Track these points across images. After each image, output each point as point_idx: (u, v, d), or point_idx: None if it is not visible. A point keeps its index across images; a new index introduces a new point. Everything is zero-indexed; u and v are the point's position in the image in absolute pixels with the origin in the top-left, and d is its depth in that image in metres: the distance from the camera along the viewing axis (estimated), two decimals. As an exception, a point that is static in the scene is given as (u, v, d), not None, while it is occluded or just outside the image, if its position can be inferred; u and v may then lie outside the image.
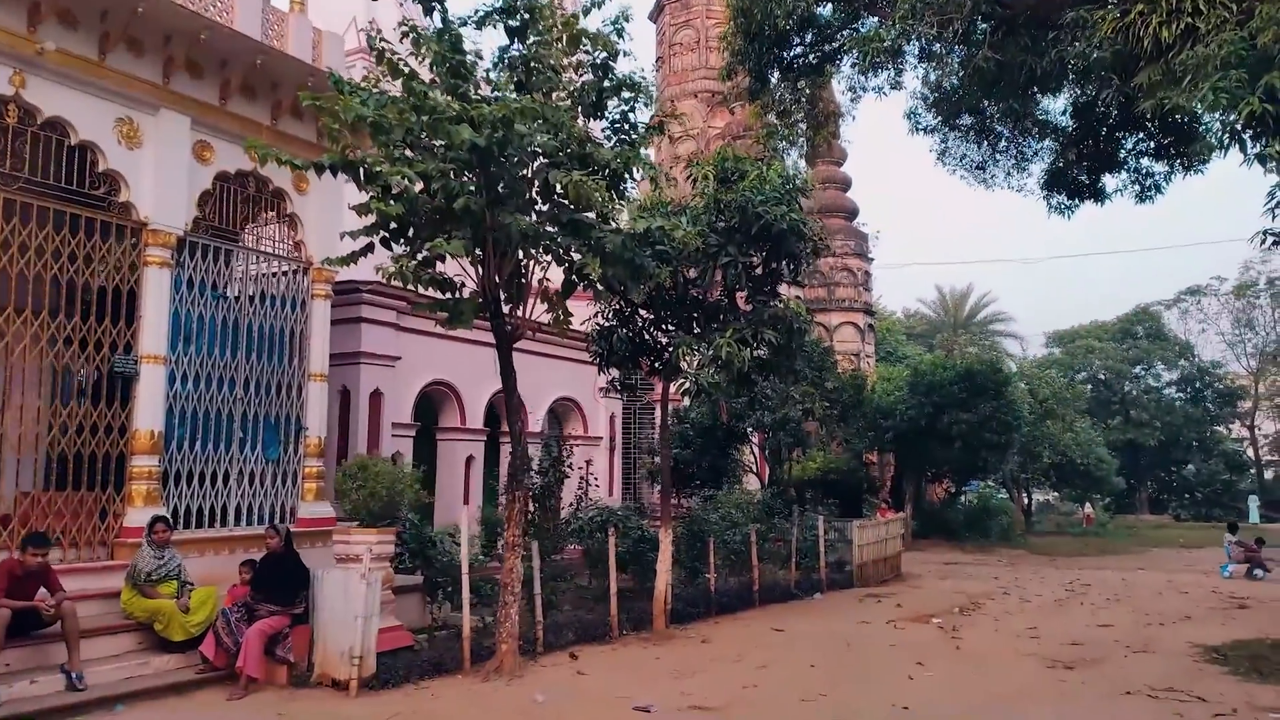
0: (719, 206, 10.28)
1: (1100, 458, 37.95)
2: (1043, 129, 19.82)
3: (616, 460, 20.18)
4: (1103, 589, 17.70)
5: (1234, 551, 20.99)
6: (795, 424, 18.84)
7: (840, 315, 37.79)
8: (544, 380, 17.72)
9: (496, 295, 9.12)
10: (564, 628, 10.61)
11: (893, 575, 18.77)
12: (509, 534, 9.04)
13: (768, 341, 10.49)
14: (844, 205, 39.54)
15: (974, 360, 27.20)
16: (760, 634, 11.62)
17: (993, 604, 15.14)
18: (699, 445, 19.49)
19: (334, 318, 14.27)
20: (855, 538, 17.44)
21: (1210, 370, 53.58)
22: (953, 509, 30.96)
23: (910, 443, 26.38)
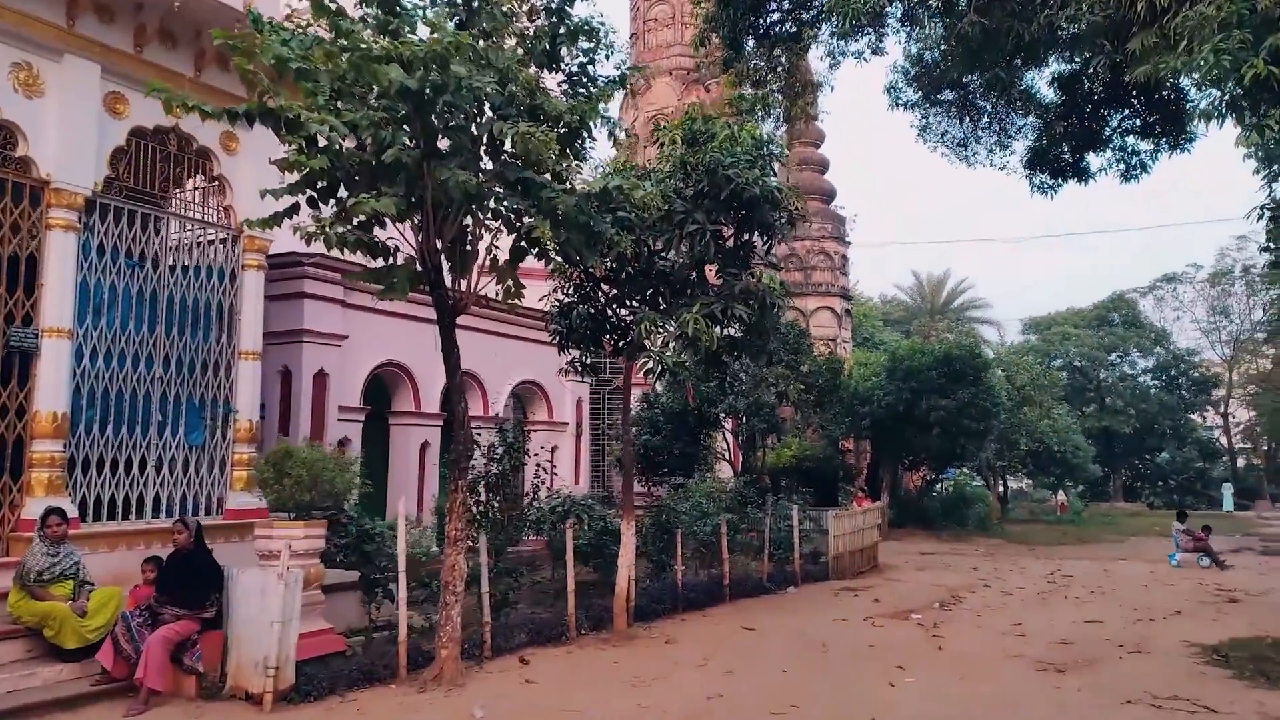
0: (686, 169, 9.40)
1: (1077, 445, 37.61)
2: (1027, 104, 19.11)
3: (584, 447, 19.32)
4: (1085, 581, 17.09)
5: (1182, 540, 20.72)
6: (769, 409, 18.05)
7: (817, 300, 37.10)
8: (506, 362, 16.80)
9: (437, 263, 8.20)
10: (516, 628, 9.76)
11: (869, 567, 18.06)
12: (450, 527, 8.15)
13: (738, 318, 9.64)
14: (821, 187, 38.77)
15: (953, 345, 26.54)
16: (729, 633, 10.82)
17: (973, 598, 14.46)
18: (669, 431, 18.67)
19: (274, 293, 13.29)
20: (831, 528, 16.70)
21: (1185, 358, 53.50)
22: (929, 497, 30.39)
23: (887, 429, 25.71)
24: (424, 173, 7.44)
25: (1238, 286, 53.91)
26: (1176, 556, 20.46)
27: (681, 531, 13.30)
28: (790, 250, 37.74)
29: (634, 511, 11.31)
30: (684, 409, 17.97)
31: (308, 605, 8.29)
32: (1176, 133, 17.31)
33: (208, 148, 10.32)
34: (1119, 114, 17.86)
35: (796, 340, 18.18)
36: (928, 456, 27.80)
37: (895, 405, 24.72)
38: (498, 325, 16.66)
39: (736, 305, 9.61)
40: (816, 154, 39.04)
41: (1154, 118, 17.34)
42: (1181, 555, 20.43)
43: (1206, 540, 20.49)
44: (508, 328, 16.79)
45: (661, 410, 18.59)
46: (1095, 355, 51.74)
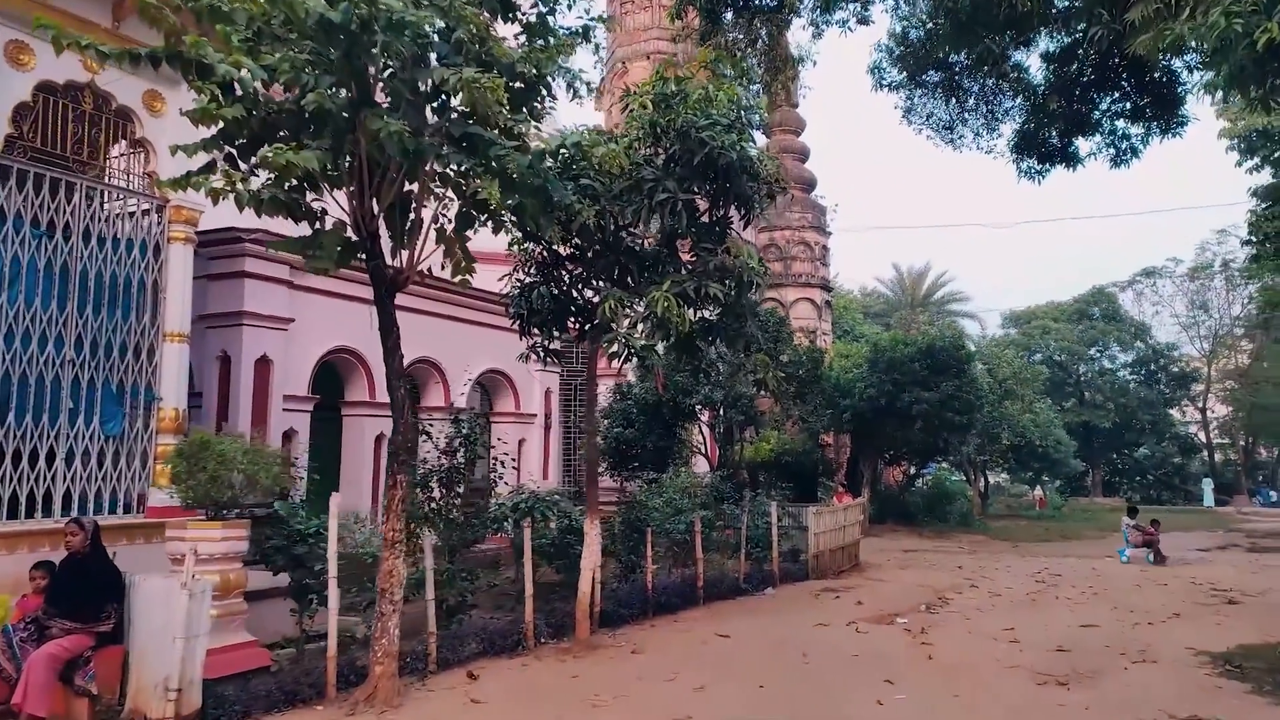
0: (656, 133, 8.52)
1: (1059, 439, 37.14)
2: (1015, 85, 18.39)
3: (554, 440, 18.43)
4: (1074, 580, 16.40)
5: (1132, 535, 20.32)
6: (747, 401, 17.23)
7: (796, 291, 36.36)
8: (469, 350, 15.86)
9: (373, 230, 7.28)
10: (466, 638, 8.86)
11: (851, 566, 17.30)
12: (388, 527, 7.25)
13: (713, 297, 8.78)
14: (802, 176, 37.99)
15: (936, 336, 25.85)
16: (702, 641, 9.97)
17: (961, 599, 13.71)
18: (642, 424, 17.78)
19: (213, 271, 12.30)
20: (811, 525, 15.91)
21: (1165, 352, 53.29)
22: (911, 493, 29.72)
23: (869, 423, 24.98)
24: (356, 125, 6.52)
25: (1217, 281, 53.81)
26: (1126, 552, 20.09)
27: (652, 530, 12.46)
28: (770, 240, 36.99)
29: (600, 508, 10.45)
30: (658, 400, 17.10)
31: (226, 615, 7.38)
32: (1168, 116, 16.72)
33: (128, 107, 9.33)
34: (1109, 96, 17.23)
35: (776, 328, 17.37)
36: (909, 451, 27.12)
37: (877, 398, 23.99)
38: (460, 311, 15.73)
39: (711, 284, 8.75)
40: (797, 142, 38.26)
41: (1145, 100, 16.73)
42: (1131, 551, 20.06)
43: (1156, 535, 20.14)
44: (471, 313, 15.86)
45: (634, 402, 17.71)
46: (1075, 349, 51.41)
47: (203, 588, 6.48)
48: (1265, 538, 26.90)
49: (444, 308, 15.44)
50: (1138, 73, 16.49)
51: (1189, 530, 29.92)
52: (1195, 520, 34.93)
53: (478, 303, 15.53)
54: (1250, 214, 32.93)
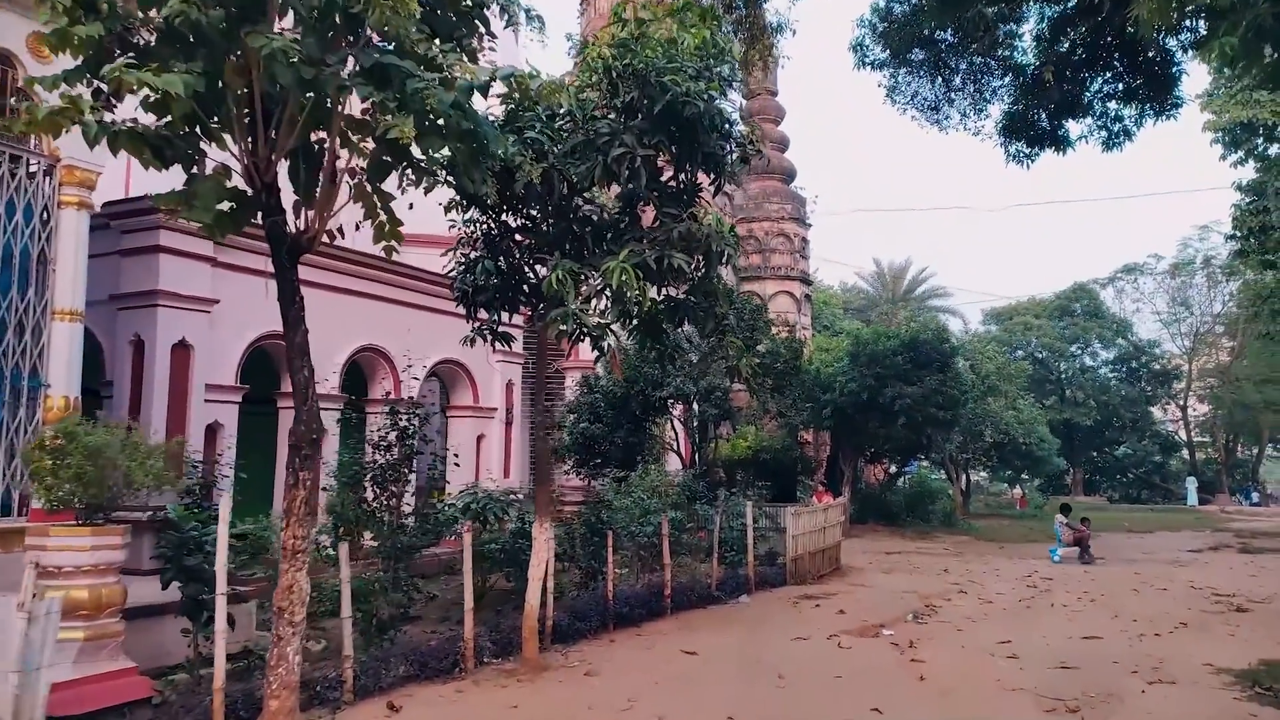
0: (611, 78, 7.41)
1: (1042, 437, 36.31)
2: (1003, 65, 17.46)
3: (516, 436, 17.27)
4: (1067, 584, 15.47)
5: (1064, 534, 19.88)
6: (721, 394, 16.13)
7: (775, 284, 35.39)
8: (422, 338, 14.67)
9: (270, 181, 6.13)
10: (393, 660, 7.72)
11: (831, 569, 16.27)
12: (288, 534, 6.09)
13: (676, 270, 7.68)
14: (781, 166, 37.04)
15: (919, 329, 24.90)
16: (666, 659, 8.88)
17: (949, 607, 12.71)
18: (610, 418, 16.66)
19: (125, 246, 11.07)
20: (789, 527, 14.86)
21: (1147, 349, 52.79)
22: (892, 492, 28.77)
23: (849, 419, 23.98)
24: (239, 47, 5.38)
25: (1199, 278, 53.36)
26: (1059, 551, 19.55)
27: (615, 533, 11.36)
28: (748, 232, 35.96)
29: (565, 509, 9.34)
30: (626, 393, 16.00)
31: (97, 638, 6.23)
32: (1162, 97, 15.91)
33: (9, 51, 8.14)
34: (1101, 76, 16.37)
35: (753, 316, 16.30)
36: (891, 448, 26.15)
37: (858, 393, 22.99)
38: (411, 295, 14.56)
39: (675, 254, 7.64)
40: (776, 130, 37.26)
41: (1138, 81, 15.89)
42: (1064, 550, 19.54)
43: (1087, 533, 19.71)
44: (423, 298, 14.68)
45: (601, 395, 16.59)
46: (1057, 346, 50.77)
47: (47, 609, 5.30)
48: (1255, 538, 26.17)
49: (392, 291, 14.28)
50: (1131, 53, 15.64)
51: (1176, 530, 29.22)
52: (1180, 519, 34.29)
53: (432, 287, 14.36)
54: (1234, 208, 32.38)
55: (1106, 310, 53.35)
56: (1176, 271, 53.62)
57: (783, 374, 16.85)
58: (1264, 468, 56.65)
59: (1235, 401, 49.38)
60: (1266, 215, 30.71)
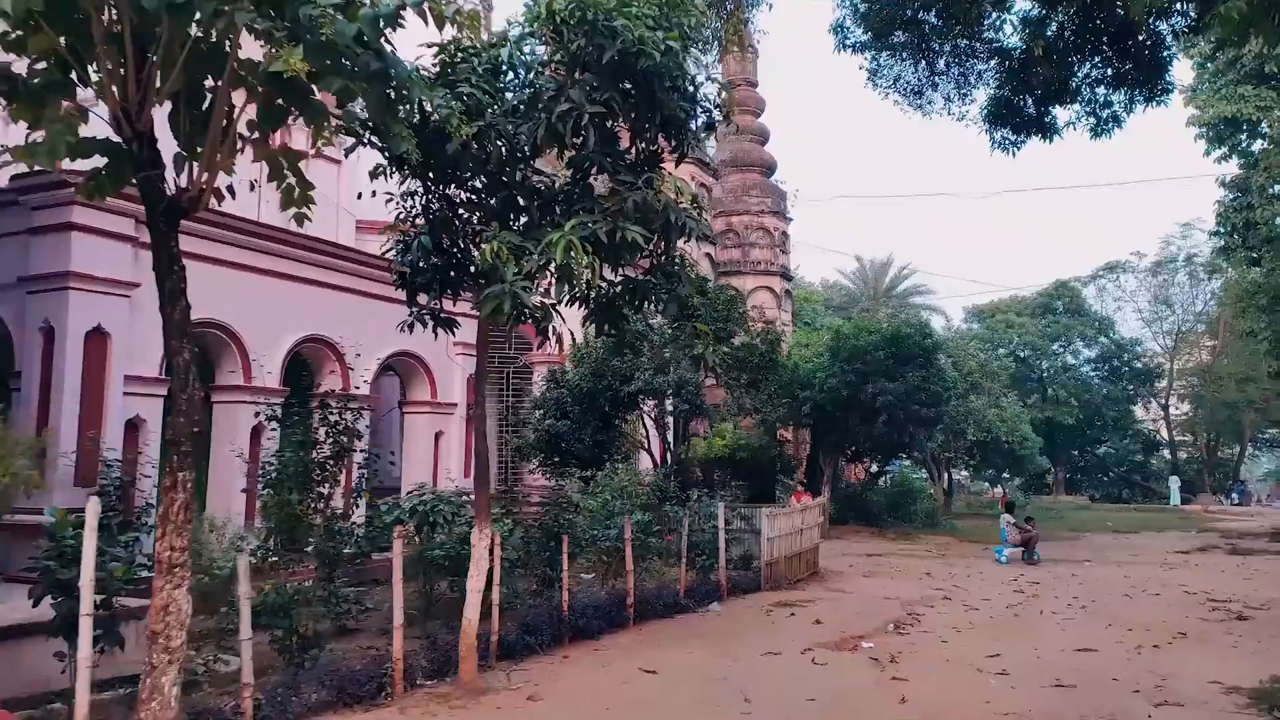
0: (556, 23, 6.53)
1: (1025, 436, 35.70)
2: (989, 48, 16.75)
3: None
4: (1056, 589, 14.73)
5: (1010, 534, 19.15)
6: (693, 389, 15.27)
7: (755, 279, 34.57)
8: (374, 329, 13.77)
9: (144, 131, 5.23)
10: (308, 685, 6.83)
11: (809, 573, 15.46)
12: (161, 546, 5.18)
13: (631, 244, 6.81)
14: (761, 159, 36.27)
15: (902, 324, 24.16)
16: (621, 679, 8.02)
17: (933, 615, 11.92)
18: (578, 415, 15.83)
19: (36, 224, 10.10)
20: (765, 529, 14.04)
21: (1129, 348, 52.43)
22: (873, 491, 28.00)
23: (829, 416, 23.19)
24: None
25: (1181, 276, 53.07)
26: (1005, 551, 18.86)
27: (574, 537, 10.51)
28: (728, 226, 35.18)
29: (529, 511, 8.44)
30: (595, 389, 15.15)
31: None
32: (1152, 82, 15.26)
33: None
34: (1090, 61, 15.71)
35: (727, 307, 15.46)
36: (872, 446, 25.37)
37: (839, 389, 22.20)
38: (362, 282, 13.66)
39: (629, 227, 6.78)
40: (756, 123, 36.47)
41: (1127, 66, 15.23)
42: (1010, 550, 18.86)
43: (1034, 533, 19.08)
44: (375, 285, 13.75)
45: (569, 390, 15.74)
46: (1038, 344, 50.29)
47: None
48: (1242, 538, 25.60)
49: (339, 277, 13.39)
50: (1120, 36, 15.00)
51: (1162, 531, 28.63)
52: (1165, 519, 33.76)
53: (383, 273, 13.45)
54: (1218, 204, 31.90)
55: (1089, 308, 52.95)
56: (1159, 269, 53.32)
57: (759, 368, 16.00)
58: (1244, 466, 56.42)
59: (1217, 400, 49.08)
60: (1251, 211, 30.22)
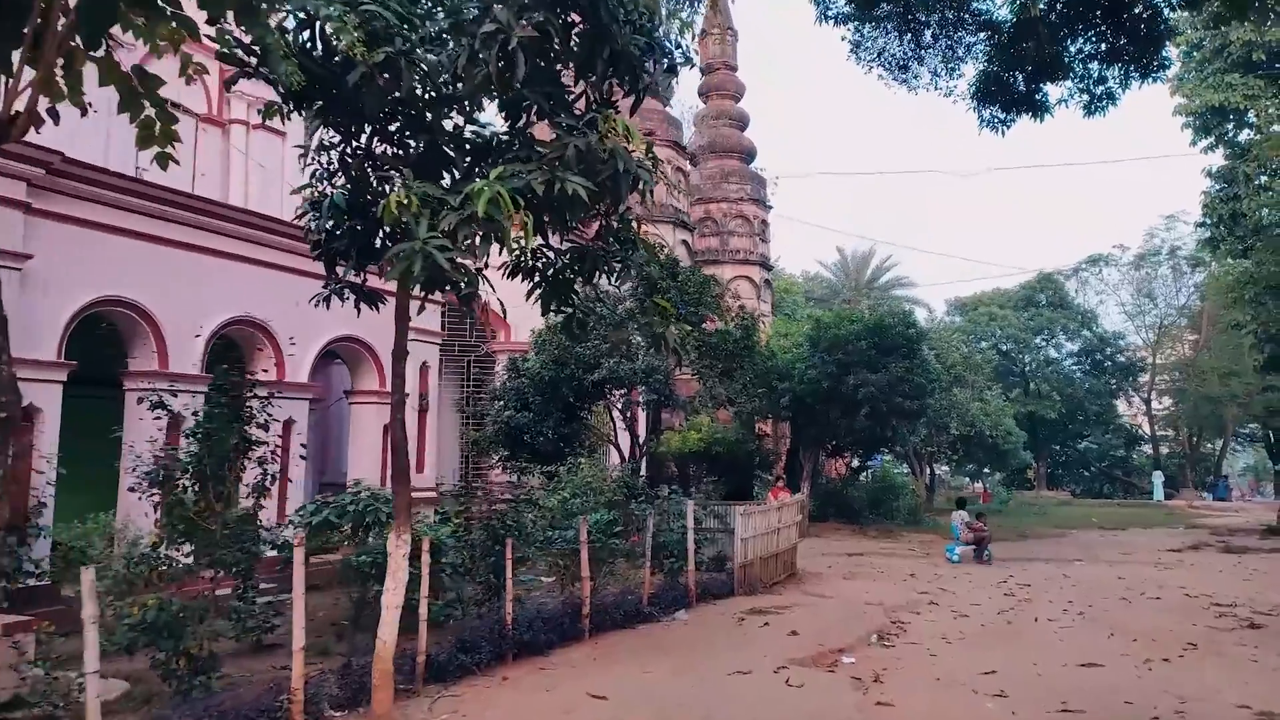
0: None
1: (1008, 430, 34.91)
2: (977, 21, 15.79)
3: (432, 425, 15.25)
4: (1049, 591, 13.82)
5: (963, 532, 18.21)
6: (662, 378, 14.21)
7: (734, 268, 33.62)
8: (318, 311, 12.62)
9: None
10: (196, 716, 5.72)
11: (786, 575, 14.47)
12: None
13: (573, 199, 5.74)
14: (740, 145, 35.24)
15: (885, 313, 23.22)
16: (565, 706, 6.96)
17: (919, 622, 10.95)
18: (540, 406, 14.75)
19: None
20: (739, 529, 13.02)
21: (1112, 341, 51.87)
22: (854, 487, 27.10)
23: (809, 409, 22.23)
24: None
25: (1164, 269, 52.57)
26: (957, 550, 17.94)
27: (524, 538, 9.44)
28: (705, 213, 34.16)
29: (409, 520, 7.33)
30: (556, 377, 14.08)
31: None
32: (1148, 57, 14.35)
33: None
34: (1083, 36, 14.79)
35: (699, 289, 14.38)
36: (854, 441, 24.42)
37: (819, 380, 21.23)
38: (303, 261, 12.47)
39: (570, 177, 5.71)
40: (735, 108, 35.44)
41: (1122, 40, 14.33)
42: (962, 549, 17.94)
43: (987, 533, 18.12)
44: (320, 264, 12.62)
45: (530, 380, 14.65)
46: (1021, 337, 49.66)
47: None
48: (1232, 535, 24.85)
49: (275, 254, 12.22)
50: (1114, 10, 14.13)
51: (1149, 527, 27.89)
52: (1150, 515, 33.09)
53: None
54: (1204, 195, 31.20)
55: (1072, 301, 52.38)
56: (1141, 263, 52.81)
57: (733, 356, 14.94)
58: (1226, 461, 56.05)
59: (1200, 394, 48.60)
60: (1238, 202, 29.51)
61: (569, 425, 15.15)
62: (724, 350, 14.73)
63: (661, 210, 27.34)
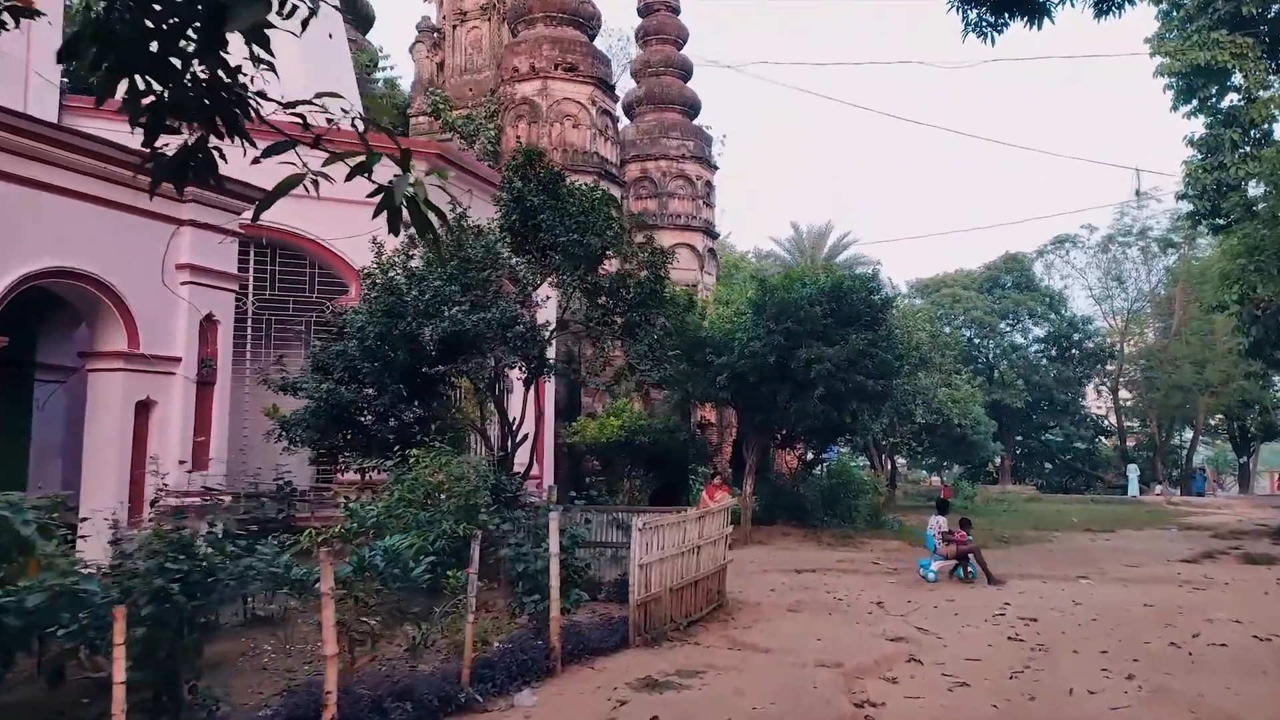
0: None
1: (977, 419, 31.42)
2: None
3: (220, 403, 11.04)
4: (1066, 630, 10.10)
5: (940, 545, 14.15)
6: (526, 331, 9.87)
7: (674, 235, 29.57)
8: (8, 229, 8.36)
9: None
10: None
11: (710, 609, 10.54)
12: None
13: None
14: (682, 96, 31.19)
15: (845, 275, 19.46)
16: None
17: (897, 700, 7.08)
18: (371, 377, 10.62)
19: None
20: (636, 550, 9.03)
21: (1080, 326, 48.88)
22: (808, 483, 23.22)
23: (753, 390, 18.29)
24: None
25: (1134, 250, 49.73)
26: (933, 566, 14.00)
27: (209, 588, 5.36)
28: (642, 172, 30.11)
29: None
30: (386, 333, 9.97)
31: None
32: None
33: None
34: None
35: (587, 212, 10.15)
36: (806, 428, 20.49)
37: (763, 354, 17.30)
38: None
39: None
40: (678, 56, 31.37)
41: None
42: (940, 564, 14.04)
43: (970, 544, 14.08)
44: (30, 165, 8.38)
45: (358, 340, 10.49)
46: (986, 320, 46.42)
47: None
48: (1239, 539, 21.48)
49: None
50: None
51: (1140, 529, 24.50)
52: (1133, 514, 29.77)
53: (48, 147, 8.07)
54: (1185, 165, 27.94)
55: (1039, 282, 49.34)
56: (1109, 244, 49.94)
57: (637, 306, 10.76)
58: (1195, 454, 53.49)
59: (1172, 384, 45.83)
60: (1224, 171, 26.31)
61: (418, 405, 11.05)
62: (624, 298, 10.63)
63: (584, 159, 23.30)
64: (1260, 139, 25.80)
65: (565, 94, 23.60)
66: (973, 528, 14.73)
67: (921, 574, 14.03)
